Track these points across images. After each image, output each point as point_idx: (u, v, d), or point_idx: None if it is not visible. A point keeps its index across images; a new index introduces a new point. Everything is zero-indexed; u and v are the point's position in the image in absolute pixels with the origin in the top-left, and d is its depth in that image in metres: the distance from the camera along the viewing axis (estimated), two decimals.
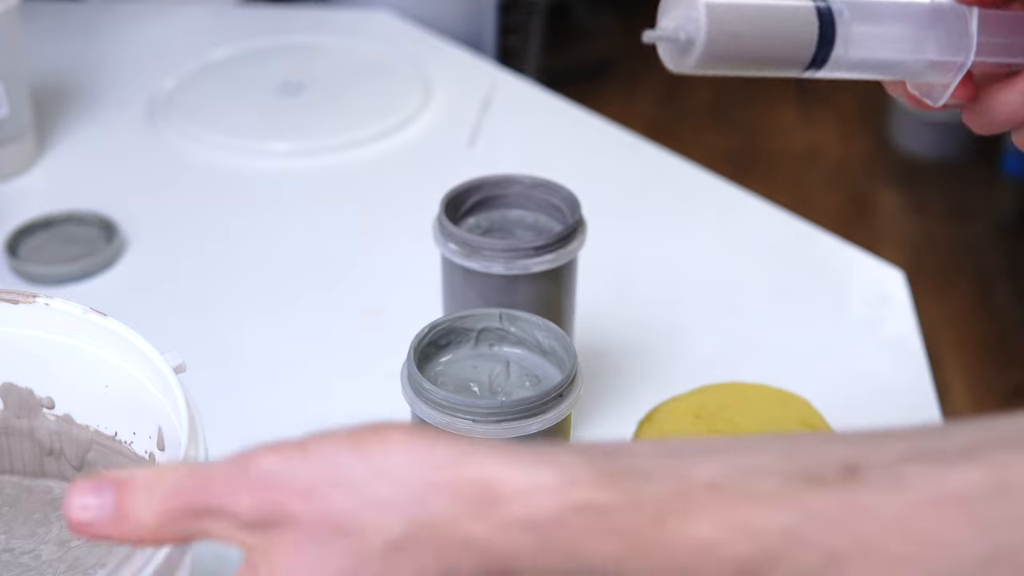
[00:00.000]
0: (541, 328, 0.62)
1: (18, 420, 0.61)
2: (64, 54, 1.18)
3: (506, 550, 0.36)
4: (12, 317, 0.58)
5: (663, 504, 0.36)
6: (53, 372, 0.59)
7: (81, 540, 0.58)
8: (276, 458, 0.37)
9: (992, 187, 2.39)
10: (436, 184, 0.75)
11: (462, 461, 0.37)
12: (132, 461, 0.58)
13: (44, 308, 0.57)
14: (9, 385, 0.60)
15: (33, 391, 0.60)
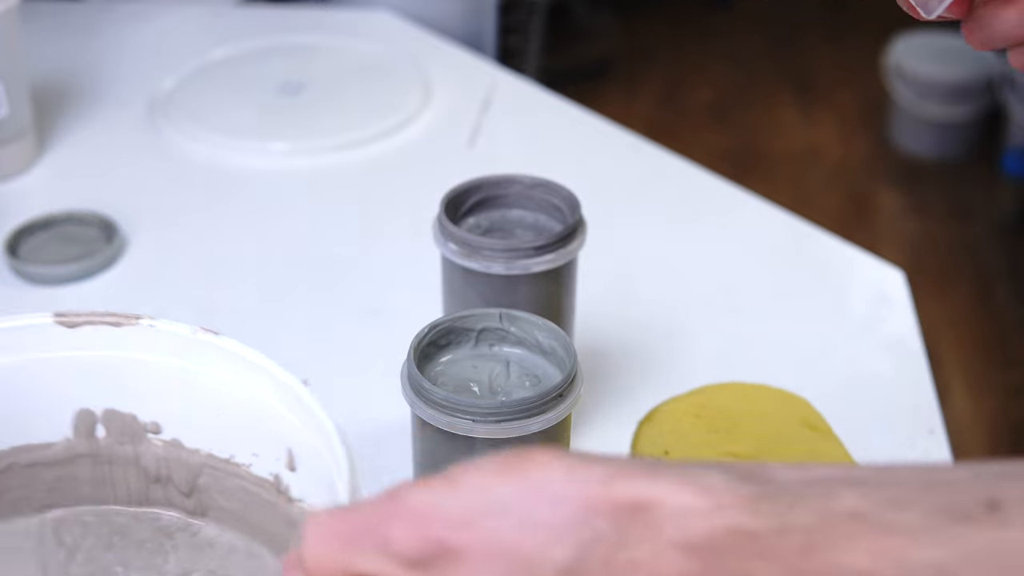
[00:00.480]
0: (541, 328, 0.62)
1: (121, 447, 0.57)
2: (64, 54, 1.18)
3: (672, 573, 0.36)
4: (114, 340, 0.55)
5: (810, 532, 0.35)
6: (159, 396, 0.56)
7: (200, 571, 0.57)
8: (425, 491, 0.37)
9: (992, 187, 2.39)
10: (436, 184, 0.75)
11: (613, 480, 0.36)
12: (251, 484, 0.56)
13: (149, 329, 0.55)
14: (111, 411, 0.57)
15: (137, 416, 0.57)
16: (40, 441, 0.57)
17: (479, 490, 0.37)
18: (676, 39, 2.83)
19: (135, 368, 0.55)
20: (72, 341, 0.55)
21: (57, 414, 0.56)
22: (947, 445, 0.74)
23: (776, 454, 0.69)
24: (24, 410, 0.56)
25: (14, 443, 0.56)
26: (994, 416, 1.88)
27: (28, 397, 0.55)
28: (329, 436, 0.48)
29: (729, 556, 0.35)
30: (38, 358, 0.55)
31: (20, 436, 0.56)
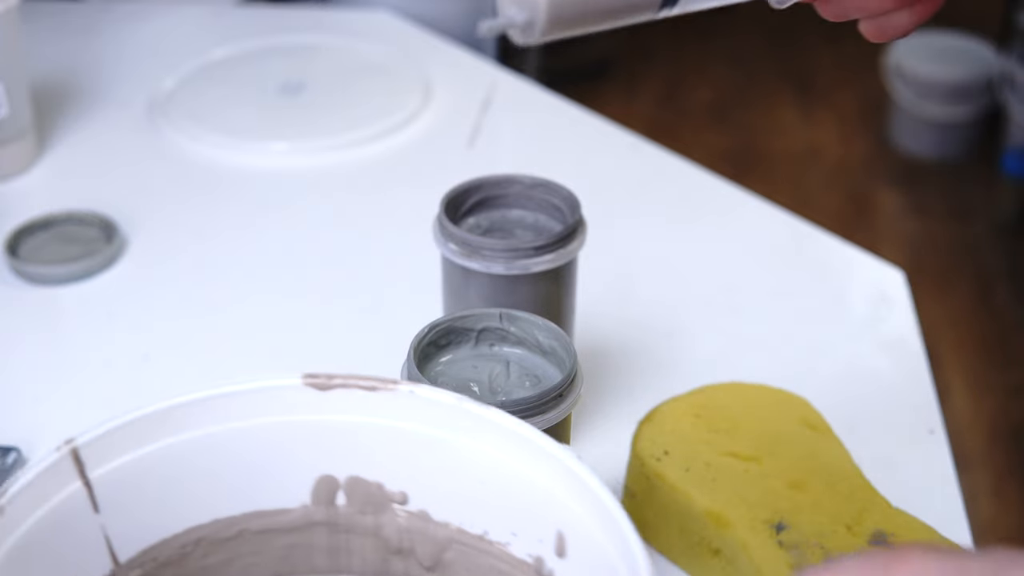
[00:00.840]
0: (541, 328, 0.62)
1: (363, 516, 0.54)
2: (64, 54, 1.18)
3: None
4: (367, 405, 0.52)
5: None
6: (411, 465, 0.52)
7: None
8: None
9: (992, 187, 2.39)
10: (436, 184, 0.75)
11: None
12: (506, 564, 0.52)
13: (408, 396, 0.51)
14: (356, 479, 0.53)
15: (383, 485, 0.53)
16: (274, 507, 0.54)
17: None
18: (676, 39, 2.83)
19: (386, 435, 0.52)
20: (321, 404, 0.52)
21: (296, 480, 0.53)
22: (947, 445, 0.74)
23: (776, 454, 0.69)
24: (261, 474, 0.53)
25: (246, 509, 0.54)
26: (994, 416, 1.88)
27: (267, 461, 0.53)
28: (614, 522, 0.45)
29: None
30: (282, 421, 0.52)
31: (253, 501, 0.54)
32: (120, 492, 0.50)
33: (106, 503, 0.50)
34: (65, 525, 0.49)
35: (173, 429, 0.51)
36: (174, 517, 0.53)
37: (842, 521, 0.64)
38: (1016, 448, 1.84)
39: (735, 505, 0.65)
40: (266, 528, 0.54)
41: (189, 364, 0.82)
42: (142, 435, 0.51)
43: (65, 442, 0.49)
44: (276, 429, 0.52)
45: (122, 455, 0.50)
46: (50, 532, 0.48)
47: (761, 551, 0.61)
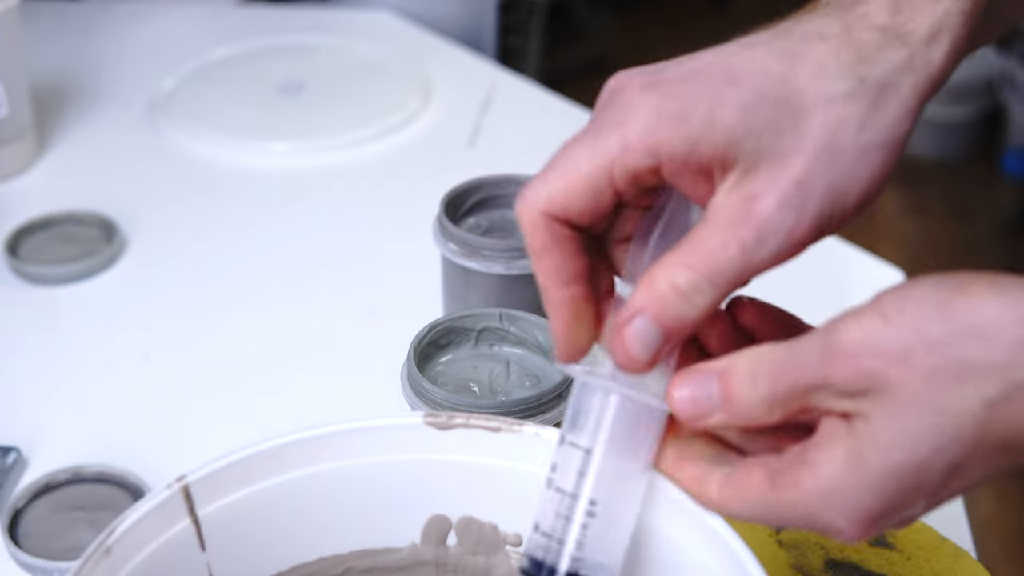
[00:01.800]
0: (541, 328, 0.62)
1: (473, 557, 0.53)
2: (64, 54, 1.18)
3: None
4: (489, 446, 0.50)
5: None
6: (529, 507, 0.49)
7: None
8: (861, 330, 0.39)
9: (992, 187, 2.39)
10: (436, 184, 0.75)
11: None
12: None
13: (533, 438, 0.49)
14: (469, 519, 0.52)
15: (498, 527, 0.52)
16: (382, 546, 0.53)
17: (915, 327, 0.38)
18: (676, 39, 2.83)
19: (505, 475, 0.50)
20: (441, 444, 0.51)
21: (406, 518, 0.52)
22: None
23: None
24: (371, 512, 0.52)
25: (353, 547, 0.52)
26: None
27: (378, 499, 0.52)
28: (741, 567, 0.44)
29: None
30: (398, 460, 0.51)
31: (361, 539, 0.52)
32: (227, 530, 0.49)
33: (213, 541, 0.49)
34: (171, 564, 0.48)
35: (286, 466, 0.50)
36: (280, 555, 0.52)
37: None
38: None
39: None
40: (373, 567, 0.53)
41: (189, 364, 0.82)
42: (255, 472, 0.49)
43: (176, 479, 0.48)
44: (391, 468, 0.51)
45: (233, 492, 0.49)
46: (156, 571, 0.47)
47: (761, 551, 0.61)
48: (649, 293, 0.41)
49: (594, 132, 0.42)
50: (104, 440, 0.75)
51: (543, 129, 1.09)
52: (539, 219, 0.43)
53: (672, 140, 0.41)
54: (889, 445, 0.39)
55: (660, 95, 0.42)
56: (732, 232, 0.41)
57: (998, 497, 1.77)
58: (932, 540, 0.63)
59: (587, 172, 0.42)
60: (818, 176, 0.41)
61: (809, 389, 0.40)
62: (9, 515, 0.68)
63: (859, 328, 0.39)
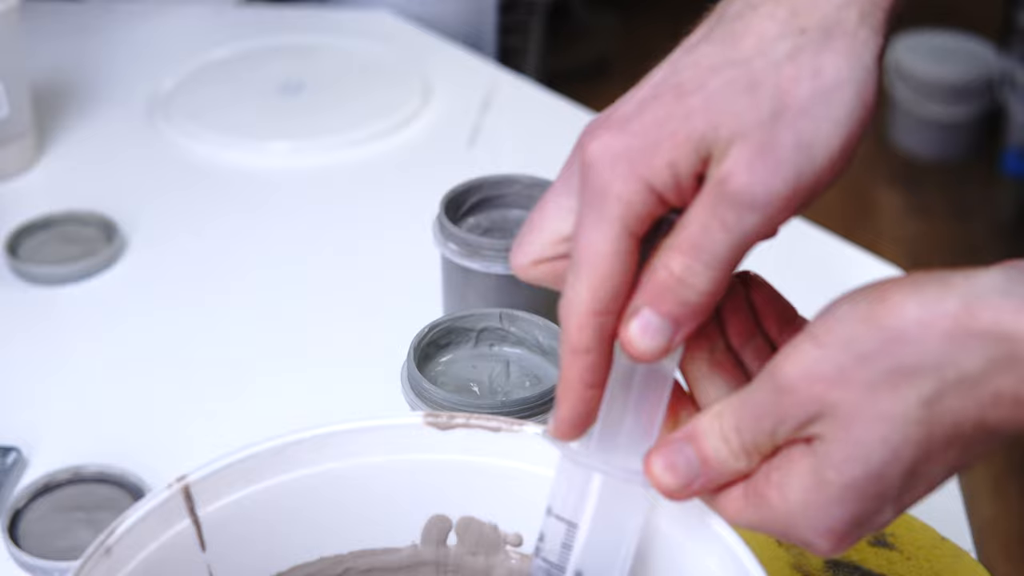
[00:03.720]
0: (541, 328, 0.62)
1: (473, 557, 0.53)
2: (64, 54, 1.18)
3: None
4: (489, 446, 0.51)
5: None
6: (529, 506, 0.50)
7: None
8: (797, 361, 0.40)
9: (992, 187, 2.39)
10: (436, 184, 0.75)
11: (974, 310, 0.38)
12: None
13: (533, 438, 0.50)
14: (469, 519, 0.52)
15: (498, 526, 0.52)
16: (383, 546, 0.53)
17: (841, 347, 0.40)
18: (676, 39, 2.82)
19: (506, 475, 0.51)
20: (441, 444, 0.51)
21: (406, 518, 0.53)
22: None
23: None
24: (371, 512, 0.52)
25: (353, 547, 0.53)
26: None
27: (378, 499, 0.52)
28: (743, 569, 0.44)
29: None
30: (398, 460, 0.51)
31: (361, 539, 0.53)
32: (228, 530, 0.49)
33: (213, 541, 0.49)
34: (172, 564, 0.48)
35: (287, 466, 0.50)
36: (280, 555, 0.52)
37: None
38: (1016, 448, 1.84)
39: None
40: (372, 567, 0.53)
41: (189, 364, 0.82)
42: (255, 472, 0.49)
43: (176, 479, 0.48)
44: (391, 467, 0.51)
45: (233, 492, 0.49)
46: (156, 571, 0.47)
47: (761, 551, 0.61)
48: (651, 284, 0.42)
49: (594, 209, 0.43)
50: (104, 440, 0.75)
51: (543, 129, 1.09)
52: (587, 320, 0.43)
53: (658, 172, 0.42)
54: (843, 460, 0.40)
55: (623, 136, 0.42)
56: (711, 213, 0.41)
57: (998, 498, 1.77)
58: (932, 540, 0.63)
59: (613, 250, 0.42)
60: (780, 138, 0.41)
61: (772, 431, 0.41)
62: (9, 515, 0.68)
63: (797, 358, 0.40)
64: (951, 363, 0.38)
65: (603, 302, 0.43)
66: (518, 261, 0.46)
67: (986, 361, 0.38)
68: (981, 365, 0.38)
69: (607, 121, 0.43)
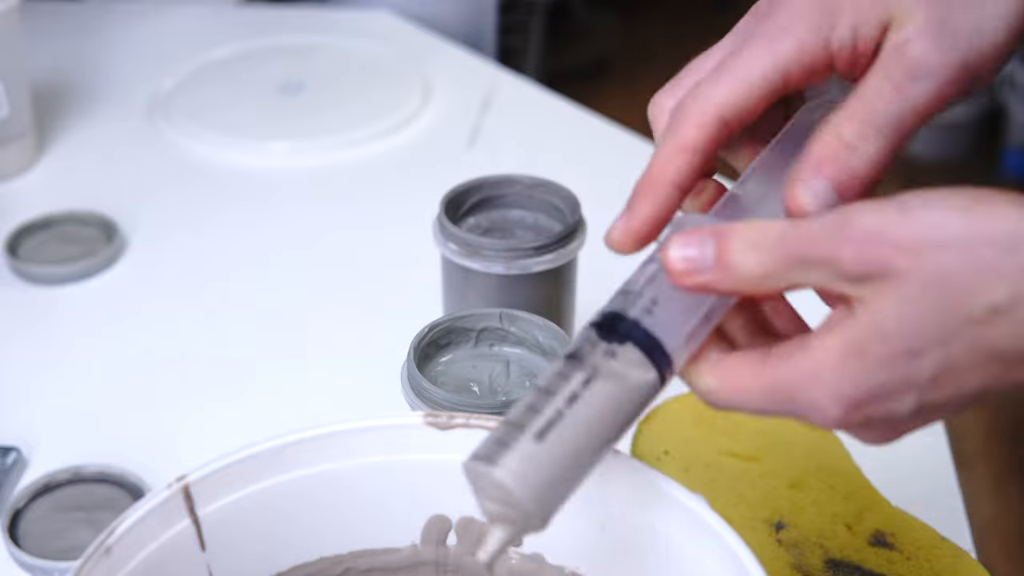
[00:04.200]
0: (541, 328, 0.62)
1: (473, 557, 0.53)
2: (64, 54, 1.18)
3: None
4: None
5: None
6: None
7: None
8: (877, 216, 0.39)
9: (992, 187, 2.39)
10: (436, 184, 0.75)
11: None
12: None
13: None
14: (469, 519, 0.52)
15: None
16: (382, 546, 0.53)
17: (931, 225, 0.39)
18: (676, 39, 2.83)
19: None
20: (441, 444, 0.51)
21: (407, 518, 0.53)
22: (947, 444, 0.74)
23: (776, 453, 0.69)
24: (371, 512, 0.52)
25: (353, 547, 0.53)
26: (994, 416, 1.88)
27: (378, 499, 0.52)
28: (745, 572, 0.44)
29: None
30: (398, 460, 0.51)
31: (361, 539, 0.53)
32: (228, 530, 0.49)
33: (213, 541, 0.49)
34: (171, 564, 0.48)
35: (286, 466, 0.50)
36: (280, 555, 0.52)
37: (842, 520, 0.64)
38: (1016, 448, 1.84)
39: (735, 504, 0.65)
40: (372, 567, 0.53)
41: (189, 364, 0.82)
42: (255, 472, 0.49)
43: (176, 479, 0.48)
44: (391, 467, 0.51)
45: (233, 492, 0.49)
46: (156, 571, 0.47)
47: (761, 550, 0.61)
48: (820, 150, 0.43)
49: (766, 37, 0.44)
50: (104, 440, 0.75)
51: (543, 129, 1.09)
52: (711, 120, 0.44)
53: (840, 31, 0.44)
54: (887, 332, 0.39)
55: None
56: (886, 75, 0.43)
57: (998, 498, 1.77)
58: (932, 540, 0.63)
59: (768, 76, 0.44)
60: (956, 19, 0.43)
61: (812, 263, 0.40)
62: (9, 515, 0.68)
63: (875, 215, 0.40)
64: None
65: (734, 113, 0.44)
66: (664, 103, 0.47)
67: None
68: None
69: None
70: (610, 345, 0.43)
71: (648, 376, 0.43)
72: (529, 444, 0.42)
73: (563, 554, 0.52)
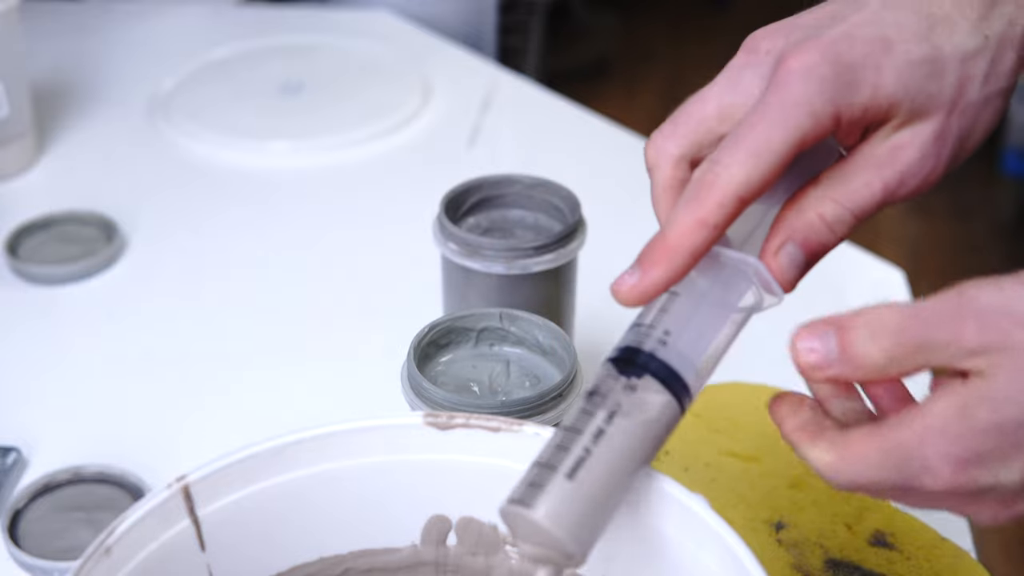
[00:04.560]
0: (541, 328, 0.62)
1: (473, 557, 0.53)
2: (64, 54, 1.18)
3: None
4: (489, 446, 0.51)
5: None
6: None
7: None
8: (998, 292, 0.41)
9: (992, 187, 2.39)
10: (436, 184, 0.75)
11: None
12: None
13: (533, 438, 0.49)
14: (469, 519, 0.52)
15: (498, 527, 0.52)
16: (382, 546, 0.53)
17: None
18: (676, 39, 2.83)
19: (505, 475, 0.49)
20: (440, 444, 0.51)
21: (407, 518, 0.53)
22: None
23: (776, 453, 0.69)
24: (371, 512, 0.52)
25: (353, 547, 0.53)
26: None
27: (378, 499, 0.52)
28: (745, 572, 0.44)
29: None
30: (398, 460, 0.51)
31: (361, 540, 0.53)
32: (227, 530, 0.49)
33: (213, 541, 0.49)
34: (171, 564, 0.48)
35: (286, 466, 0.50)
36: (280, 555, 0.52)
37: (842, 520, 0.64)
38: None
39: (734, 504, 0.65)
40: (372, 567, 0.53)
41: (189, 364, 0.82)
42: (255, 472, 0.49)
43: (176, 479, 0.48)
44: (391, 468, 0.51)
45: (233, 492, 0.49)
46: (156, 571, 0.47)
47: (761, 550, 0.61)
48: (798, 222, 0.46)
49: (778, 106, 0.45)
50: (104, 440, 0.75)
51: (543, 129, 1.09)
52: (731, 200, 0.46)
53: (852, 108, 0.45)
54: (1000, 399, 0.40)
55: (831, 63, 0.45)
56: (878, 174, 0.46)
57: None
58: (932, 540, 0.63)
59: (783, 151, 0.45)
60: (951, 127, 0.46)
61: (936, 347, 0.41)
62: (9, 515, 0.68)
63: (996, 291, 0.41)
64: None
65: (751, 190, 0.45)
66: (667, 149, 0.50)
67: None
68: None
69: (808, 41, 0.46)
70: (629, 379, 0.45)
71: (668, 405, 0.45)
72: (561, 484, 0.43)
73: None
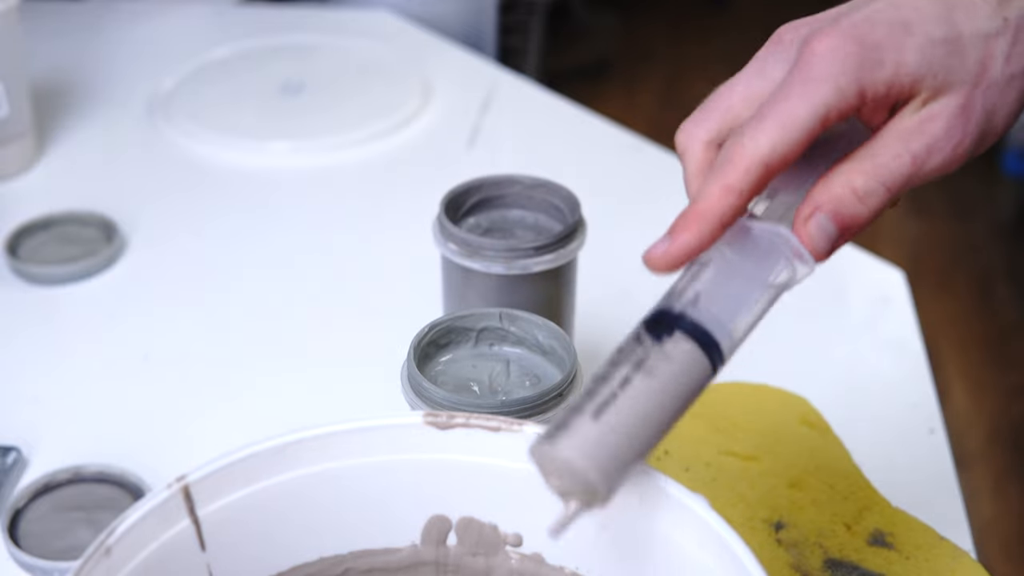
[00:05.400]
0: (541, 328, 0.62)
1: (473, 558, 0.53)
2: (64, 54, 1.18)
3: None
4: (488, 446, 0.51)
5: None
6: (528, 507, 0.49)
7: None
8: None
9: (992, 187, 2.39)
10: (436, 184, 0.75)
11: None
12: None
13: (532, 438, 0.49)
14: (469, 519, 0.52)
15: (498, 526, 0.52)
16: (382, 546, 0.53)
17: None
18: (676, 39, 2.83)
19: (505, 476, 0.50)
20: (440, 444, 0.51)
21: (407, 518, 0.53)
22: (947, 445, 0.74)
23: (776, 453, 0.69)
24: (371, 512, 0.52)
25: (353, 547, 0.53)
26: (994, 416, 1.88)
27: (378, 499, 0.52)
28: (746, 572, 0.43)
29: None
30: (398, 459, 0.51)
31: (361, 540, 0.53)
32: (227, 530, 0.49)
33: (213, 541, 0.49)
34: (171, 564, 0.48)
35: (286, 466, 0.50)
36: (280, 555, 0.52)
37: (841, 520, 0.64)
38: (1016, 448, 1.84)
39: (734, 504, 0.65)
40: (372, 567, 0.53)
41: (189, 364, 0.82)
42: (255, 472, 0.49)
43: (176, 479, 0.48)
44: (391, 467, 0.51)
45: (233, 492, 0.49)
46: (156, 571, 0.47)
47: (760, 550, 0.61)
48: (827, 194, 0.48)
49: (802, 82, 0.47)
50: (104, 440, 0.75)
51: (543, 129, 1.09)
52: (757, 167, 0.47)
53: (876, 84, 0.47)
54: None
55: (854, 42, 0.47)
56: (906, 146, 0.48)
57: (998, 498, 1.77)
58: (931, 540, 0.64)
59: (808, 123, 0.47)
60: (976, 103, 0.48)
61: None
62: (9, 515, 0.68)
63: None
64: None
65: (777, 160, 0.47)
66: (696, 134, 0.50)
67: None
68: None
69: (823, 21, 0.49)
70: (659, 335, 0.46)
71: (697, 360, 0.46)
72: (587, 423, 0.44)
73: (563, 554, 0.51)
